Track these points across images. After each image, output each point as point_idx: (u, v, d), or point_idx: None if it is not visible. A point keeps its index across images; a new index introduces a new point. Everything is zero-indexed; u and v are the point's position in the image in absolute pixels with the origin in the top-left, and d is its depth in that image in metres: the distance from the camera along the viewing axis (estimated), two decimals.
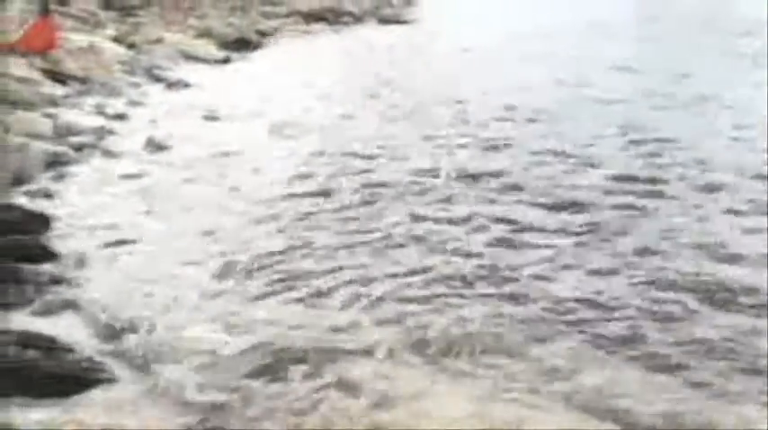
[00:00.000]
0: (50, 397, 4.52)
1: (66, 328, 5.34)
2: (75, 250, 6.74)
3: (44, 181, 8.73)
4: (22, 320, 5.38)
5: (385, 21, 28.56)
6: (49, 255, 6.56)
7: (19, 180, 8.58)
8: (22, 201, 7.92)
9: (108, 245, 6.98)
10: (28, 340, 4.93)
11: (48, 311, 5.61)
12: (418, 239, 7.16)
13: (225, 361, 5.00)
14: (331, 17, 27.43)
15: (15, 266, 6.12)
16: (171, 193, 8.55)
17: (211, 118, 12.38)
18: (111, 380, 4.77)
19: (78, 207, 8.01)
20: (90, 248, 6.85)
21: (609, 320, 5.59)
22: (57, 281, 6.10)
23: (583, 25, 25.63)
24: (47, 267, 6.31)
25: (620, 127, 11.54)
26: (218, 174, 9.37)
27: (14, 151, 9.06)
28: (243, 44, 21.08)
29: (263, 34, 22.80)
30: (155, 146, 10.42)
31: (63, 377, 4.68)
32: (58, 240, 6.95)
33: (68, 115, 11.25)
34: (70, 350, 4.98)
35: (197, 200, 8.38)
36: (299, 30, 24.64)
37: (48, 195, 8.28)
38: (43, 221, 7.31)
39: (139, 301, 5.84)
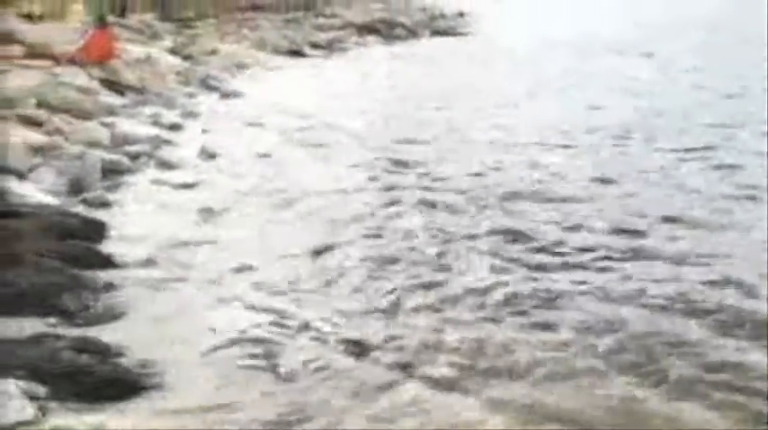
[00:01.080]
0: (104, 401, 4.55)
1: (119, 334, 5.37)
2: (132, 257, 6.80)
3: (101, 189, 8.84)
4: (77, 325, 5.44)
5: (438, 33, 28.55)
6: (105, 262, 6.63)
7: (77, 188, 8.73)
8: (79, 208, 8.05)
9: (162, 252, 7.03)
10: (82, 345, 4.99)
11: (102, 317, 5.66)
12: None
13: None
14: (384, 29, 27.51)
15: (73, 272, 6.21)
16: (224, 202, 8.59)
17: (262, 127, 12.44)
18: (161, 387, 4.79)
19: (134, 215, 8.09)
20: (145, 255, 6.91)
21: None
22: (112, 287, 6.16)
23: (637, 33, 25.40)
24: (103, 274, 6.37)
25: None
26: (270, 182, 9.40)
27: (73, 159, 9.22)
28: (297, 56, 21.24)
29: (316, 46, 22.95)
30: (209, 155, 10.53)
31: (116, 382, 4.72)
32: (114, 247, 7.02)
33: (125, 124, 11.40)
34: (123, 355, 5.02)
35: (250, 208, 8.41)
36: (352, 42, 24.72)
37: (104, 203, 8.39)
38: (100, 228, 7.42)
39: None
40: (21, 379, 4.41)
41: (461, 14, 34.92)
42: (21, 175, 8.54)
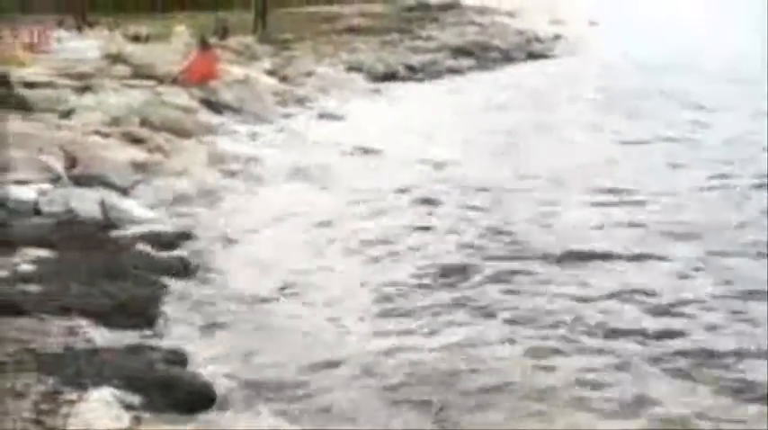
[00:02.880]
0: (195, 412, 4.65)
1: (208, 345, 5.48)
2: (227, 270, 6.94)
3: (198, 205, 9.07)
4: (172, 337, 5.58)
5: (534, 56, 28.31)
6: (200, 276, 6.80)
7: (176, 203, 8.99)
8: (176, 224, 8.28)
9: (258, 267, 7.16)
10: (174, 357, 5.11)
11: (198, 329, 5.80)
12: None
13: None
14: (478, 52, 27.44)
15: (171, 285, 6.39)
16: (320, 222, 8.68)
17: (360, 150, 12.52)
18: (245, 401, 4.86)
19: (230, 231, 8.26)
20: (239, 269, 7.04)
21: None
22: (208, 302, 6.30)
23: None
24: (198, 288, 6.53)
25: None
26: (364, 204, 9.44)
27: (173, 176, 9.51)
28: (392, 78, 21.39)
29: (411, 69, 23.05)
30: (304, 175, 10.67)
31: (203, 393, 4.81)
32: (209, 258, 7.19)
33: (223, 143, 11.67)
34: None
35: (351, 223, 8.52)
36: (446, 65, 24.74)
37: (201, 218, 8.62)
38: (196, 242, 7.62)
39: None
40: (117, 388, 4.53)
41: (557, 37, 34.55)
42: (123, 191, 8.85)
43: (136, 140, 10.86)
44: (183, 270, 6.87)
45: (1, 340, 5.02)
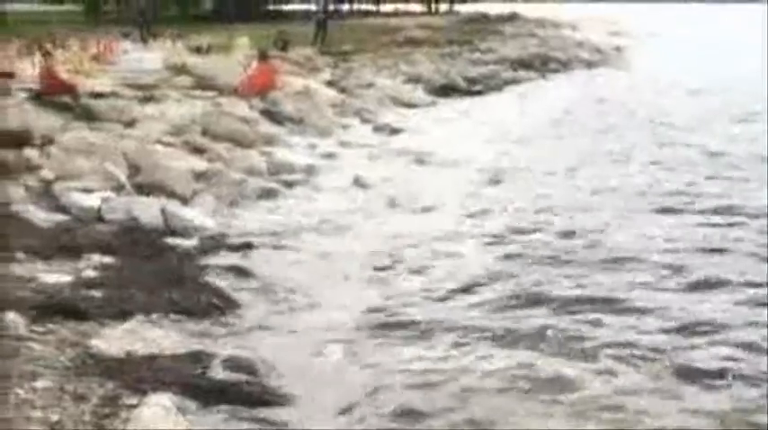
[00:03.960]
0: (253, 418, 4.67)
1: (267, 353, 5.51)
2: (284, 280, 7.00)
3: (257, 214, 9.16)
4: (229, 345, 5.62)
5: (593, 67, 28.05)
6: (258, 285, 6.85)
7: (235, 212, 9.10)
8: (237, 231, 8.35)
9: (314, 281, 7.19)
10: (232, 364, 5.14)
11: (255, 337, 5.83)
12: None
13: None
14: (538, 64, 27.31)
15: (229, 293, 6.46)
16: (377, 235, 8.69)
17: (418, 161, 12.51)
18: (305, 405, 4.87)
19: (286, 241, 8.30)
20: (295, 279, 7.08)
21: None
22: (263, 311, 6.35)
23: None
24: (256, 297, 6.58)
25: None
26: (422, 218, 9.42)
27: (232, 186, 9.62)
28: (451, 90, 21.37)
29: (470, 81, 23.00)
30: (361, 186, 10.69)
31: (263, 400, 4.83)
32: (267, 271, 7.24)
33: (282, 153, 11.77)
34: (271, 375, 5.15)
35: (402, 242, 8.45)
36: (506, 77, 24.63)
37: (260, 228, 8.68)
38: (255, 251, 7.68)
39: None
40: (175, 393, 4.58)
41: (617, 49, 34.21)
42: (184, 199, 8.98)
43: (197, 150, 11.03)
44: (243, 278, 6.91)
45: (64, 344, 5.11)
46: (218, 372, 5.02)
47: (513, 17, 51.09)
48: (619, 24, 50.10)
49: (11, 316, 5.29)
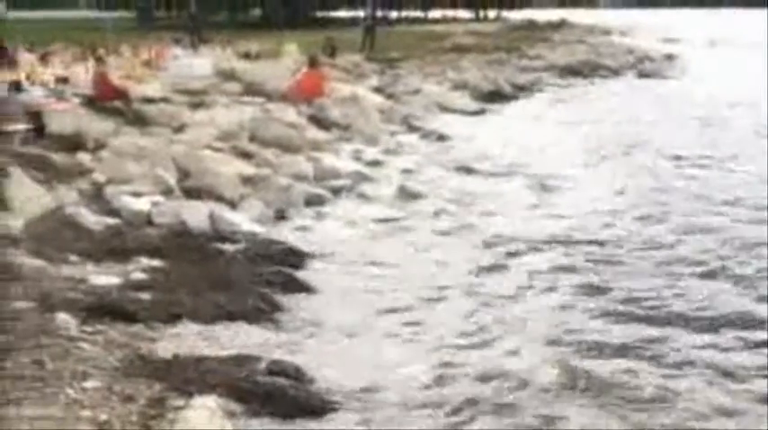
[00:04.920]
0: (296, 424, 4.70)
1: (315, 361, 5.54)
2: (330, 288, 7.02)
3: (303, 220, 9.22)
4: (275, 349, 5.66)
5: (644, 75, 27.68)
6: (306, 291, 6.89)
7: (282, 218, 9.17)
8: (283, 238, 8.42)
9: (358, 286, 7.20)
10: (279, 368, 5.18)
11: (298, 341, 5.86)
12: None
13: None
14: (587, 71, 27.09)
15: (275, 298, 6.49)
16: (423, 241, 8.69)
17: (464, 169, 12.47)
18: (351, 412, 4.89)
19: (334, 247, 8.34)
20: (342, 288, 7.10)
21: None
22: (310, 316, 6.38)
23: None
24: (303, 302, 6.62)
25: None
26: (468, 225, 9.37)
27: (279, 191, 9.69)
28: (498, 97, 21.30)
29: (518, 88, 22.90)
30: (407, 194, 10.69)
31: (307, 406, 4.85)
32: (314, 277, 7.28)
33: (329, 159, 11.82)
34: (313, 381, 5.17)
35: (448, 250, 8.43)
36: (554, 84, 24.49)
37: (305, 233, 8.73)
38: (301, 258, 7.73)
39: None
40: (221, 396, 4.63)
41: (669, 57, 33.70)
42: (232, 204, 9.08)
43: (245, 155, 11.13)
44: (290, 283, 6.96)
45: (113, 345, 5.20)
46: (264, 376, 5.05)
47: (562, 24, 50.80)
48: (671, 31, 49.47)
49: (62, 316, 5.40)
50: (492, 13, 64.75)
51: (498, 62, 26.90)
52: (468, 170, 12.39)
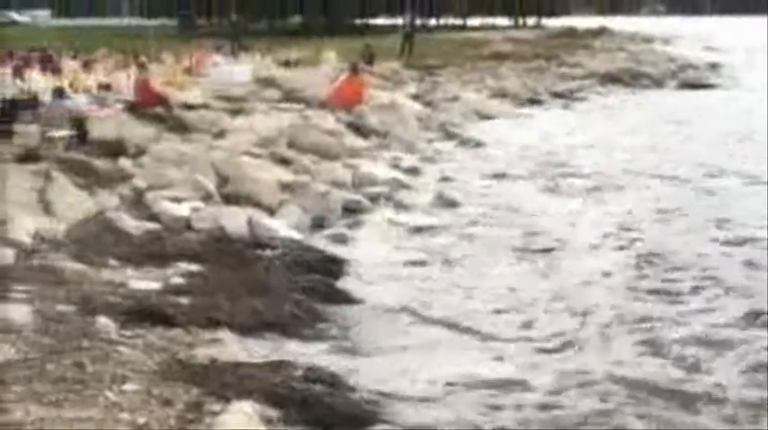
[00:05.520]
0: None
1: (351, 369, 5.53)
2: (367, 296, 7.02)
3: (340, 227, 9.24)
4: (311, 356, 5.67)
5: (687, 85, 27.24)
6: (343, 298, 6.90)
7: (319, 225, 9.19)
8: (321, 244, 8.45)
9: (396, 293, 7.19)
10: (316, 375, 5.18)
11: (337, 351, 5.87)
12: None
13: None
14: (628, 79, 26.81)
15: (312, 305, 6.51)
16: (460, 248, 8.65)
17: (503, 176, 12.41)
18: (389, 421, 4.87)
19: (370, 254, 8.34)
20: (379, 295, 7.10)
21: None
22: (348, 324, 6.38)
23: None
24: (340, 309, 6.63)
25: None
26: (507, 233, 9.32)
27: (317, 198, 9.72)
28: (537, 104, 21.18)
29: (557, 95, 22.76)
30: (444, 201, 10.66)
31: (344, 413, 4.85)
32: (350, 284, 7.29)
33: (367, 166, 11.84)
34: (353, 389, 5.17)
35: (486, 259, 8.40)
36: (594, 92, 24.28)
37: (343, 241, 8.76)
38: (338, 265, 7.74)
39: None
40: (257, 401, 4.64)
41: (714, 66, 33.17)
42: (270, 210, 9.12)
43: (283, 161, 11.19)
44: (327, 291, 6.98)
45: (151, 349, 5.24)
46: (300, 383, 5.06)
47: (602, 31, 50.35)
48: (714, 39, 48.78)
49: (102, 320, 5.46)
50: (531, 21, 64.43)
51: (537, 70, 26.75)
52: (506, 177, 12.33)
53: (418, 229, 9.36)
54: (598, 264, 8.06)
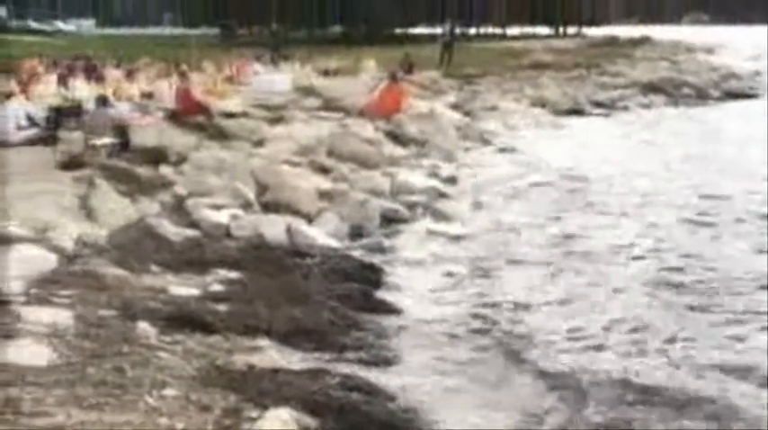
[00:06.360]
0: None
1: (389, 378, 5.52)
2: (405, 306, 7.02)
3: (379, 236, 9.25)
4: (348, 365, 5.67)
5: (730, 94, 26.84)
6: (381, 308, 6.89)
7: (358, 233, 9.20)
8: (359, 253, 8.46)
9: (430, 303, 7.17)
10: (353, 384, 5.18)
11: (374, 360, 5.86)
12: None
13: None
14: (670, 89, 26.48)
15: (350, 314, 6.51)
16: (497, 257, 8.61)
17: (544, 185, 12.33)
18: None
19: (408, 263, 8.33)
20: (417, 306, 7.08)
21: None
22: (386, 333, 6.37)
23: None
24: (377, 318, 6.62)
25: None
26: (547, 241, 9.28)
27: (355, 206, 9.73)
28: (577, 114, 21.03)
29: (598, 105, 22.57)
30: (482, 210, 10.61)
31: (382, 423, 4.84)
32: (388, 294, 7.28)
33: (405, 175, 11.84)
34: (392, 398, 5.15)
35: (524, 266, 8.36)
36: (635, 101, 24.01)
37: (381, 250, 8.75)
38: (376, 274, 7.74)
39: None
40: (294, 408, 4.65)
41: (757, 74, 32.66)
42: (309, 218, 9.16)
43: (322, 170, 11.24)
44: (365, 300, 6.97)
45: (191, 355, 5.28)
46: (337, 390, 5.06)
47: (644, 40, 49.92)
48: (759, 47, 48.03)
49: (142, 325, 5.51)
50: (571, 30, 64.07)
51: (578, 79, 26.57)
52: (548, 186, 12.25)
53: (455, 238, 9.33)
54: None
